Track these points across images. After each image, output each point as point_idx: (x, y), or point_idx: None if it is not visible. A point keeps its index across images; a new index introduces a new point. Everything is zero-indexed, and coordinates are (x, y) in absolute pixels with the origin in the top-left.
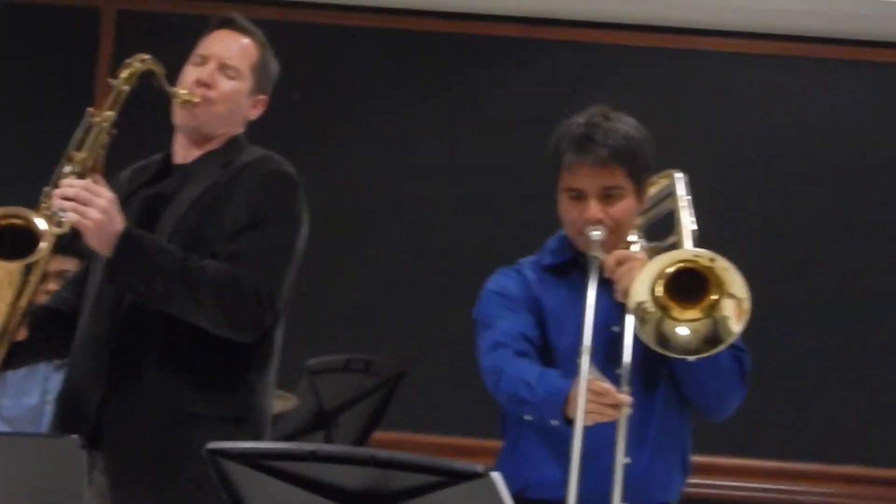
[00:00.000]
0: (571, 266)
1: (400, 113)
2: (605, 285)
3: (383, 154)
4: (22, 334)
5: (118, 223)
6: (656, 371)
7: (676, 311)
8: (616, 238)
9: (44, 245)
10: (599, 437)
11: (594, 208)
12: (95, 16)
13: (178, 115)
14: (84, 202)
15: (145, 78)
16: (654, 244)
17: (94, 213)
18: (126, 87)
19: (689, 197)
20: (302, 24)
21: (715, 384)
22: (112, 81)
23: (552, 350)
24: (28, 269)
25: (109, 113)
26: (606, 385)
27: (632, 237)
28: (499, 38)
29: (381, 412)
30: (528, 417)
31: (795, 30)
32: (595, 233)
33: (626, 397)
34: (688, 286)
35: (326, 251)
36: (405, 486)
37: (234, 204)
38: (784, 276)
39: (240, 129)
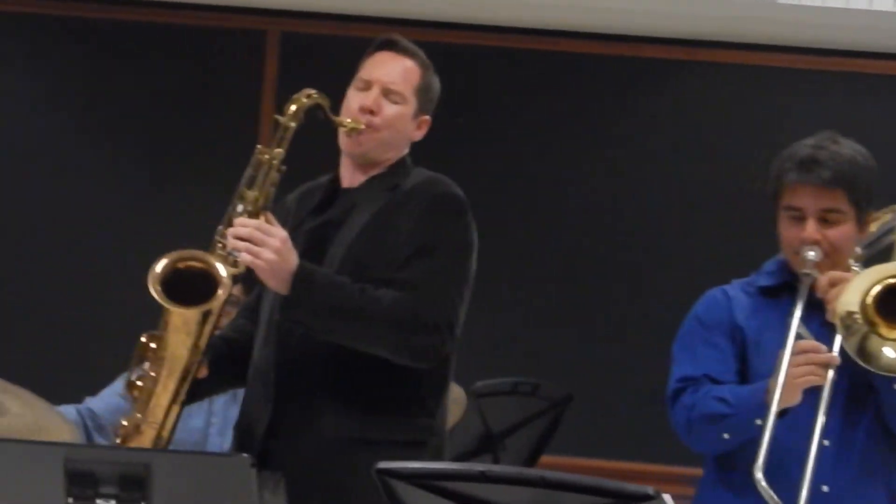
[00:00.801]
0: (784, 290)
1: (567, 133)
2: (817, 309)
3: (554, 174)
4: (202, 372)
5: (292, 262)
6: (861, 399)
7: (884, 329)
8: (832, 262)
9: (222, 292)
10: (789, 456)
11: (811, 229)
12: (261, 38)
13: (344, 143)
14: (258, 243)
15: (311, 112)
16: None
17: (267, 254)
18: (293, 124)
19: None
20: (467, 47)
21: None
22: (279, 119)
23: (755, 376)
24: (206, 315)
25: (278, 150)
26: (815, 342)
27: (853, 266)
28: (656, 59)
29: (548, 436)
30: (725, 436)
31: None
32: (810, 253)
33: (835, 355)
34: None
35: (492, 272)
36: None
37: (403, 229)
38: None
39: (405, 152)
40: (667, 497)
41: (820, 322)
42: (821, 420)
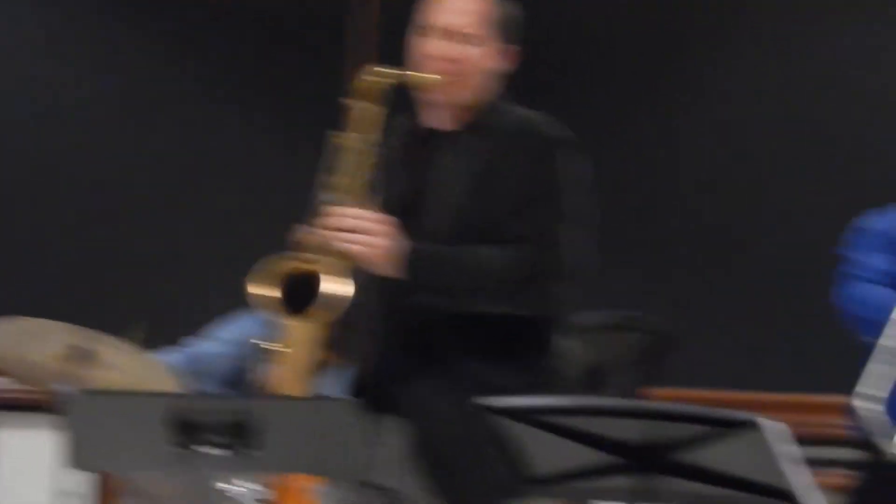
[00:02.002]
0: None
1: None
2: None
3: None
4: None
5: (402, 244)
6: None
7: None
8: None
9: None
10: None
11: None
12: None
13: (432, 96)
14: (366, 232)
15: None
16: None
17: (379, 243)
18: (364, 104)
19: None
20: None
21: None
22: (347, 101)
23: None
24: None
25: (358, 133)
26: None
27: None
28: None
29: (654, 369)
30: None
31: None
32: None
33: None
34: None
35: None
36: (682, 438)
37: (508, 177)
38: None
39: (498, 88)
40: (773, 424)
41: None
42: None
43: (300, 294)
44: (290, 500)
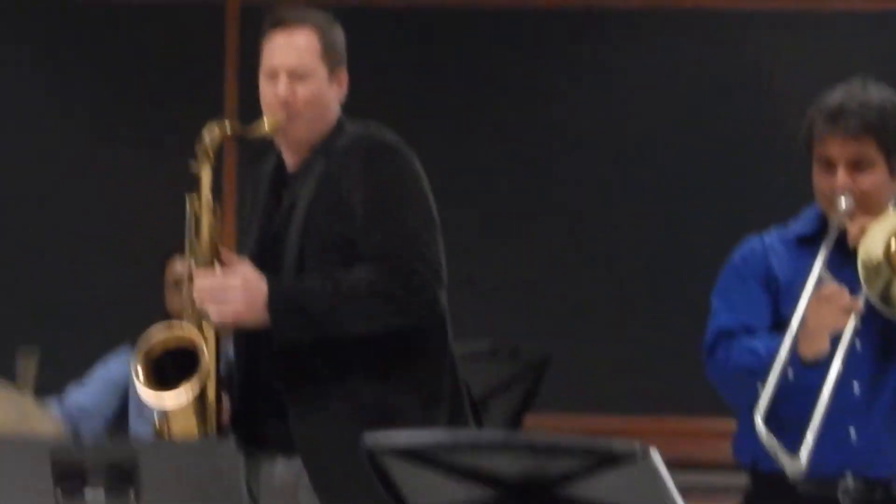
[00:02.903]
0: (821, 237)
1: (543, 90)
2: (850, 258)
3: (523, 136)
4: (226, 417)
5: (261, 295)
6: (894, 345)
7: None
8: (865, 210)
9: (204, 361)
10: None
11: (842, 177)
12: (220, 13)
13: (277, 138)
14: (219, 299)
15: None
16: None
17: (231, 307)
18: (207, 166)
19: None
20: (433, 9)
21: None
22: (193, 165)
23: (784, 325)
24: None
25: (206, 196)
26: (837, 287)
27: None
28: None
29: (531, 396)
30: (760, 388)
31: None
32: (843, 201)
33: (857, 300)
34: None
35: (467, 236)
36: (563, 470)
37: (349, 195)
38: None
39: (336, 115)
40: (654, 452)
41: (852, 273)
42: (836, 365)
43: (178, 363)
44: None
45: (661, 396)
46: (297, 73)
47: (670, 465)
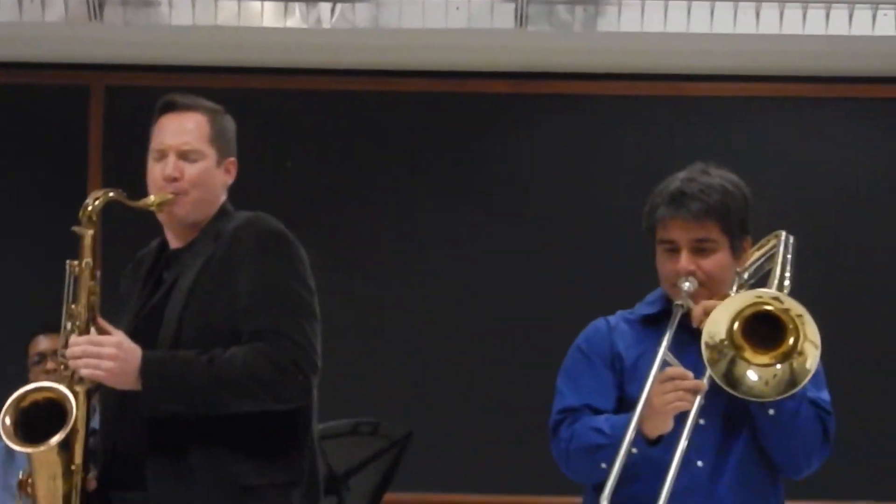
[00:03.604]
0: (665, 318)
1: (401, 177)
2: (694, 339)
3: (386, 218)
4: (91, 485)
5: (134, 360)
6: (737, 424)
7: (749, 354)
8: (708, 292)
9: (71, 414)
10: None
11: (685, 260)
12: (84, 93)
13: (161, 216)
14: (93, 356)
15: (112, 205)
16: None
17: (105, 364)
18: (90, 231)
19: (790, 256)
20: (293, 92)
21: (794, 442)
22: (76, 229)
23: (629, 403)
24: (65, 444)
25: (87, 260)
26: (682, 369)
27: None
28: (494, 94)
29: (391, 474)
30: (603, 466)
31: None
32: (686, 284)
33: (702, 382)
34: (766, 332)
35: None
36: None
37: (235, 277)
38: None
39: (222, 199)
40: None
41: (696, 353)
42: (682, 445)
43: (46, 421)
44: None
45: (521, 475)
46: (186, 153)
47: None
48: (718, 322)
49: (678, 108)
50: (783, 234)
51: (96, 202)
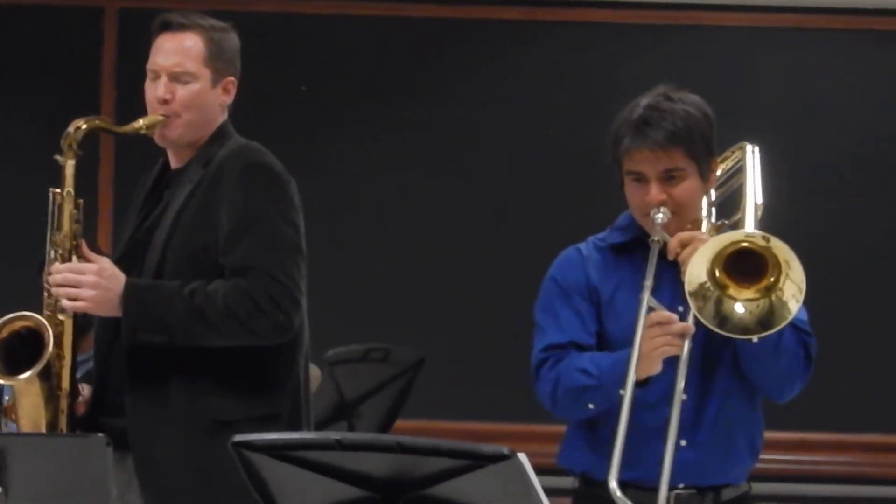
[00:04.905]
0: (636, 246)
1: (409, 100)
2: (670, 267)
3: (394, 143)
4: (81, 409)
5: (116, 288)
6: (717, 354)
7: (734, 290)
8: (681, 220)
9: (49, 344)
10: (654, 420)
11: (655, 191)
12: (98, 15)
13: (155, 138)
14: (73, 284)
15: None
16: (719, 222)
17: (86, 293)
18: (72, 160)
19: (759, 168)
20: (305, 16)
21: (778, 366)
22: (58, 158)
23: (608, 339)
24: (46, 372)
25: (69, 189)
26: (667, 313)
27: (704, 215)
28: (501, 20)
29: (402, 400)
30: (591, 406)
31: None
32: (658, 215)
33: (689, 325)
34: (748, 266)
35: (339, 242)
36: (432, 472)
37: (220, 208)
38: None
39: (221, 120)
40: (521, 456)
41: (674, 282)
42: (679, 391)
43: (27, 350)
44: None
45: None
46: (178, 75)
47: (539, 469)
48: (698, 265)
49: (686, 38)
50: (748, 146)
51: (78, 130)
